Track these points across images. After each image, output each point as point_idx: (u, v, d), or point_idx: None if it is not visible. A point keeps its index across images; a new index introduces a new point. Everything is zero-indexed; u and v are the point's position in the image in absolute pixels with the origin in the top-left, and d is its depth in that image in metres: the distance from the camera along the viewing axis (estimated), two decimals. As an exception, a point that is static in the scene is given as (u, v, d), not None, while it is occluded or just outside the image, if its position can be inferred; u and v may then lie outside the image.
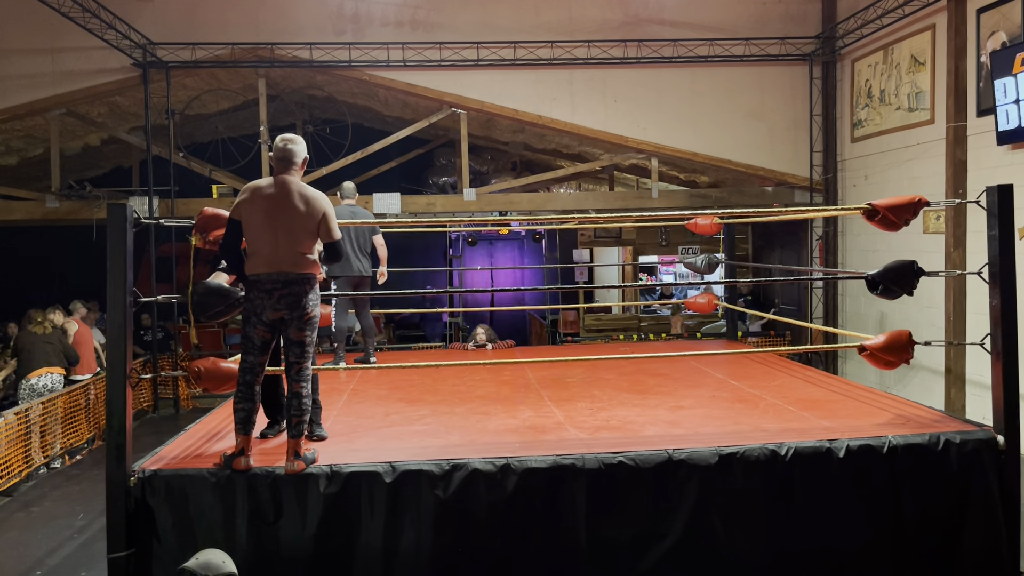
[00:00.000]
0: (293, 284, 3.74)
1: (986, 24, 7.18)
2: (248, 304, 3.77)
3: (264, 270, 3.72)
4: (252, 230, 3.75)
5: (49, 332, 7.99)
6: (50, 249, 12.91)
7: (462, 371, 6.24)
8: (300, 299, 3.75)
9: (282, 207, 3.75)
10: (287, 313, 3.75)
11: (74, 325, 8.43)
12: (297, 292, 3.75)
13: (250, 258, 3.77)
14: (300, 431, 3.80)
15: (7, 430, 6.63)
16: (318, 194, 3.87)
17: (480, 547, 3.78)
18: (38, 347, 7.87)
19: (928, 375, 7.97)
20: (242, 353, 3.83)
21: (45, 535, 5.68)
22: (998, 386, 4.09)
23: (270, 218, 3.73)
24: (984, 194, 4.14)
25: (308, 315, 3.79)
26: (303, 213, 3.77)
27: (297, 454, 3.77)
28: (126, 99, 9.61)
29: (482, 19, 9.48)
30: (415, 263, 14.32)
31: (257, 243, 3.74)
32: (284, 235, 3.74)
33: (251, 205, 3.75)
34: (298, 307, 3.75)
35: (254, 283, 3.74)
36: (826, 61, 9.75)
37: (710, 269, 7.44)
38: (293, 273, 3.75)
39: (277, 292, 3.72)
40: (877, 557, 3.95)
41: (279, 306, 3.73)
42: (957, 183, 7.46)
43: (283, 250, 3.74)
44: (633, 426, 4.52)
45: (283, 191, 3.77)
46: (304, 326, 3.79)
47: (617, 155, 10.26)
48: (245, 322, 3.79)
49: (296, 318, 3.77)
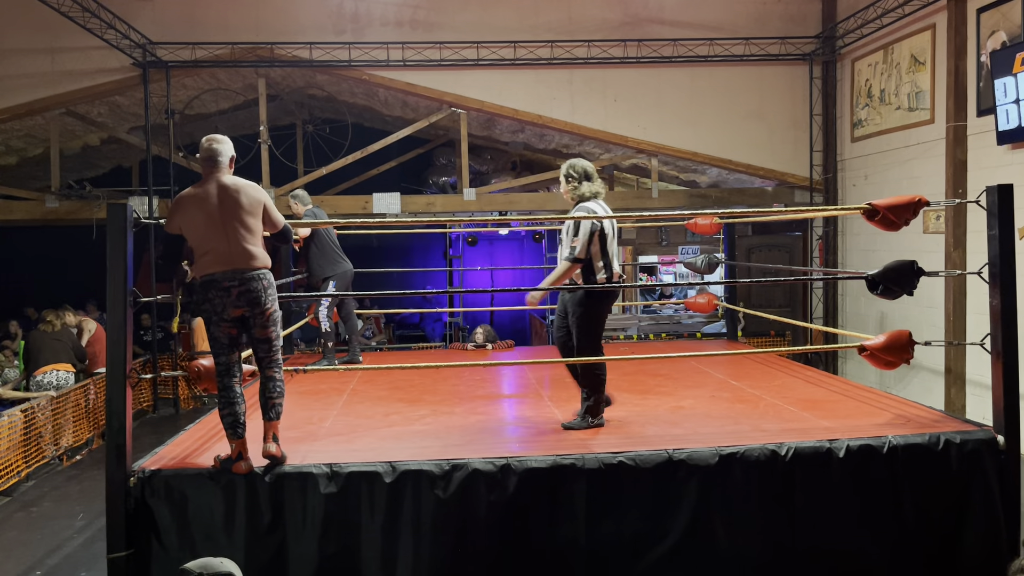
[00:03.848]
0: (250, 281, 3.74)
1: (986, 24, 7.18)
2: (208, 305, 3.75)
3: (219, 269, 3.72)
4: (197, 235, 3.75)
5: (58, 330, 8.14)
6: (50, 249, 12.91)
7: (462, 371, 6.25)
8: (259, 296, 3.76)
9: (223, 205, 3.75)
10: (248, 310, 3.76)
11: (92, 324, 8.58)
12: (255, 288, 3.75)
13: (201, 259, 3.76)
14: (277, 414, 3.82)
15: (11, 427, 6.65)
16: (253, 185, 3.89)
17: (480, 547, 3.78)
18: (46, 345, 8.04)
19: (928, 375, 7.97)
20: (214, 355, 3.83)
21: (45, 535, 5.68)
22: (998, 386, 4.08)
23: (213, 219, 3.73)
24: (984, 194, 4.14)
25: (269, 311, 3.81)
26: (245, 207, 3.78)
27: (275, 437, 3.79)
28: (126, 99, 9.61)
29: (482, 19, 9.47)
30: (415, 263, 14.34)
31: (206, 245, 3.73)
32: (232, 232, 3.74)
33: (188, 213, 3.76)
34: (258, 304, 3.76)
35: (210, 284, 3.73)
36: (826, 61, 9.75)
37: (710, 269, 7.44)
38: (248, 270, 3.75)
39: (235, 290, 3.72)
40: (877, 557, 3.95)
41: (239, 303, 3.73)
42: (957, 183, 7.46)
43: (234, 247, 3.74)
44: (633, 426, 4.52)
45: (220, 190, 3.78)
46: (267, 323, 3.81)
47: (617, 155, 10.26)
48: (208, 323, 3.80)
49: (258, 315, 3.78)
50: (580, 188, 4.56)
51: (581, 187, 4.56)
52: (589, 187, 4.56)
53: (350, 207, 9.60)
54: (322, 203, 8.34)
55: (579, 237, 4.39)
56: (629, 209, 9.95)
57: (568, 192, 4.64)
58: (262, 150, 9.52)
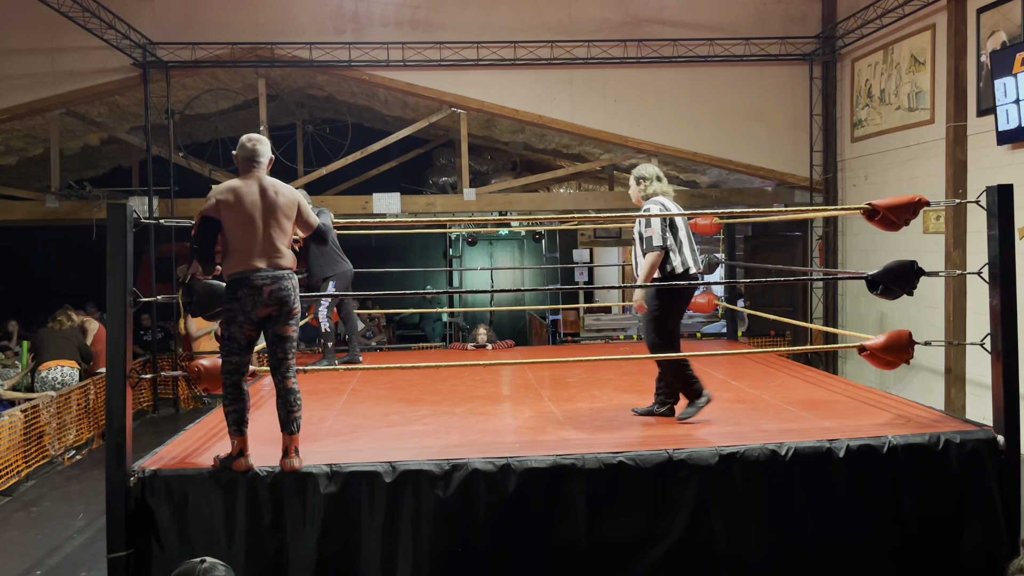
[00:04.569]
0: (282, 279, 3.78)
1: (986, 24, 7.18)
2: (235, 303, 3.75)
3: (252, 267, 3.73)
4: (235, 229, 3.76)
5: (66, 328, 8.24)
6: (50, 249, 12.91)
7: (462, 371, 6.24)
8: (289, 295, 3.80)
9: (264, 205, 3.79)
10: (276, 309, 3.78)
11: (95, 324, 8.63)
12: (285, 287, 3.79)
13: (233, 256, 3.76)
14: (298, 427, 3.82)
15: (11, 427, 6.66)
16: (289, 187, 3.94)
17: (480, 547, 3.78)
18: (52, 342, 8.13)
19: (928, 375, 7.97)
20: (225, 354, 3.82)
21: (45, 535, 5.68)
22: (998, 386, 4.08)
23: (252, 217, 3.76)
24: (984, 194, 4.14)
25: (295, 310, 3.86)
26: (282, 208, 3.83)
27: (297, 451, 3.79)
28: (126, 99, 9.61)
29: (482, 19, 9.47)
30: (415, 263, 14.34)
31: (241, 241, 3.75)
32: (268, 232, 3.77)
33: (232, 204, 3.77)
34: (286, 303, 3.79)
35: (240, 281, 3.73)
36: (826, 61, 9.75)
37: (710, 269, 7.44)
38: (281, 269, 3.79)
39: (267, 288, 3.73)
40: (877, 557, 3.95)
41: (269, 302, 3.74)
42: (957, 183, 7.46)
43: (269, 246, 3.77)
44: (633, 426, 4.52)
45: (260, 189, 3.82)
46: (291, 320, 3.85)
47: (617, 155, 10.26)
48: (230, 322, 3.79)
49: (284, 313, 3.80)
50: (649, 188, 4.73)
51: (651, 186, 4.73)
52: (659, 186, 4.73)
53: (350, 207, 9.59)
54: (322, 203, 8.33)
55: (652, 227, 4.51)
56: (629, 209, 9.95)
57: (638, 193, 4.79)
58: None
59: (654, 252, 4.49)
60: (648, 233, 4.51)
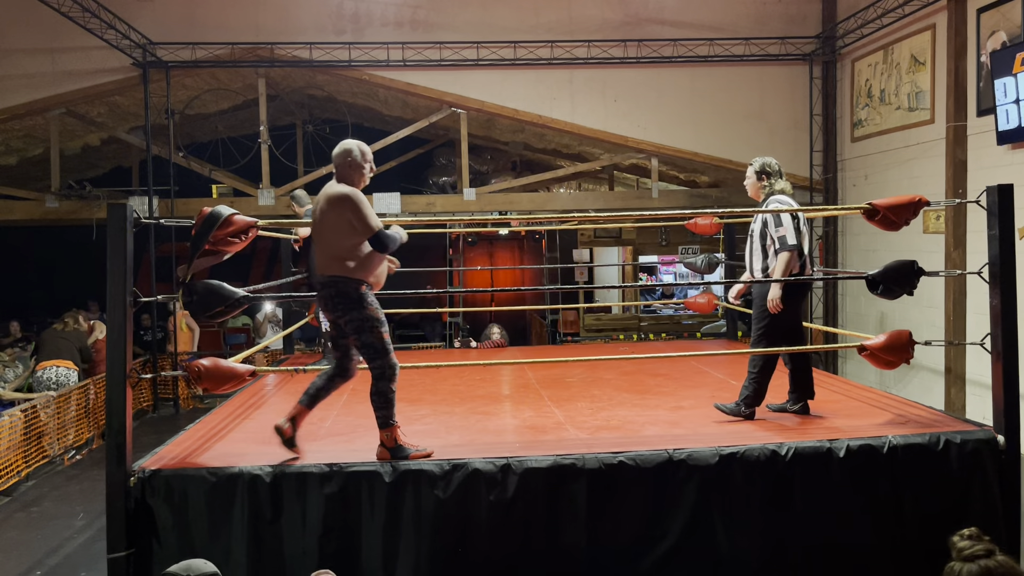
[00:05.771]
0: (321, 287, 3.91)
1: (986, 24, 7.18)
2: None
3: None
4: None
5: (70, 330, 8.29)
6: (50, 249, 12.92)
7: (462, 371, 6.25)
8: (327, 303, 3.92)
9: (319, 212, 3.94)
10: (331, 316, 3.95)
11: (103, 327, 8.70)
12: (324, 295, 3.92)
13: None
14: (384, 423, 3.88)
15: (11, 427, 6.66)
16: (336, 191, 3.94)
17: (480, 547, 3.78)
18: (52, 342, 8.18)
19: (928, 375, 7.97)
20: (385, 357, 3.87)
21: (45, 535, 5.68)
22: (998, 386, 4.08)
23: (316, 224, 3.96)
24: (984, 194, 4.13)
25: (345, 320, 3.93)
26: (327, 213, 3.89)
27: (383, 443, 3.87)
28: (126, 99, 9.61)
29: (482, 19, 9.48)
30: (415, 263, 14.31)
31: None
32: (319, 239, 3.92)
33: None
34: (330, 311, 3.95)
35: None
36: (826, 61, 9.75)
37: (710, 269, 7.44)
38: (322, 276, 3.92)
39: (318, 295, 3.94)
40: (877, 557, 3.95)
41: (323, 308, 3.96)
42: (957, 183, 7.46)
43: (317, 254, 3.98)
44: (633, 426, 4.52)
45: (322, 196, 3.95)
46: (347, 330, 3.97)
47: (617, 155, 10.26)
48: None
49: (342, 322, 3.94)
50: (775, 184, 4.72)
51: (776, 183, 4.72)
52: (782, 183, 4.73)
53: (350, 207, 9.57)
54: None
55: (784, 226, 4.50)
56: (629, 209, 9.96)
57: (760, 188, 4.78)
58: (262, 150, 9.52)
59: (790, 251, 4.48)
60: (781, 232, 4.49)
